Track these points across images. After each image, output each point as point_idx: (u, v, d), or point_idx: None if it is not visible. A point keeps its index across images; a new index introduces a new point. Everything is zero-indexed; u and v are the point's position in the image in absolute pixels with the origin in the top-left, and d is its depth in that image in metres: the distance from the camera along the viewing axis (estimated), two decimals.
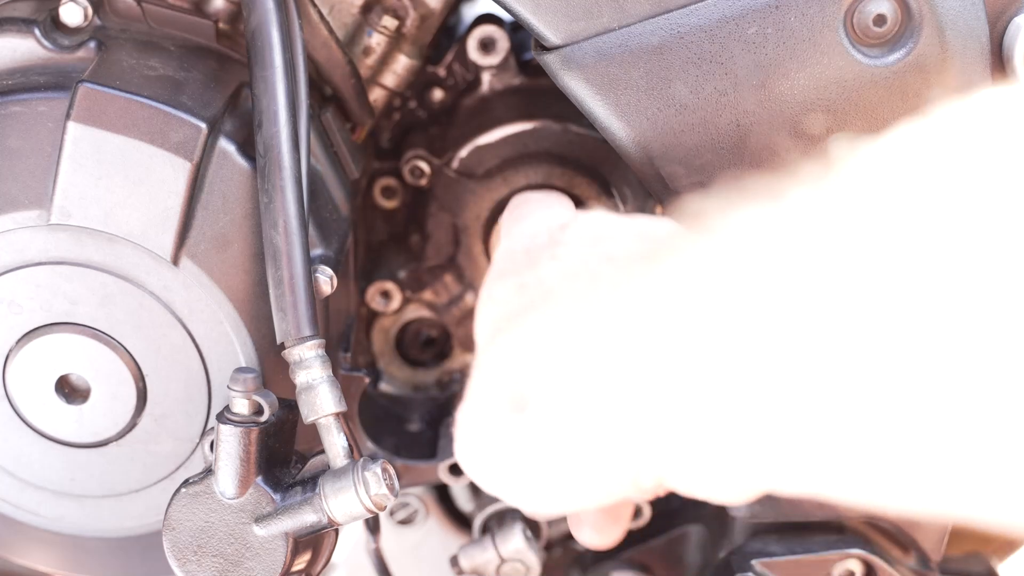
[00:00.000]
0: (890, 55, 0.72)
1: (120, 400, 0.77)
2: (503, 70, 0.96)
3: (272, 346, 0.75)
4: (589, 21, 0.73)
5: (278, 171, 0.72)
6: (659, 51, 0.72)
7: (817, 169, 0.48)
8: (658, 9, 0.72)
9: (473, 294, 0.99)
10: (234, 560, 0.71)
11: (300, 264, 0.71)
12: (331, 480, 0.70)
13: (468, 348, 1.01)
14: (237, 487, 0.70)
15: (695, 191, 0.74)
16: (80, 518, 0.82)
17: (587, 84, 0.73)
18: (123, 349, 0.76)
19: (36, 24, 0.75)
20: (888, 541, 0.84)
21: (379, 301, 0.99)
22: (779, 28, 0.71)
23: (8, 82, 0.74)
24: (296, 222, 0.71)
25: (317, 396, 0.71)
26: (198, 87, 0.75)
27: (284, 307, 0.71)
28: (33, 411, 0.78)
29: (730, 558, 0.85)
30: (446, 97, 0.98)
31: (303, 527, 0.70)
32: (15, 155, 0.73)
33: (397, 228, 0.99)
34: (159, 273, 0.74)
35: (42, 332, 0.76)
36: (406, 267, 0.99)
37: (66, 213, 0.73)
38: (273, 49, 0.73)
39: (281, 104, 0.72)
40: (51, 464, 0.80)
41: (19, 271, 0.74)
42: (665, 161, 0.74)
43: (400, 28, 0.84)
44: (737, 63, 0.72)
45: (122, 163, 0.72)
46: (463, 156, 0.95)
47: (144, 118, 0.72)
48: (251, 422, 0.70)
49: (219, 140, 0.74)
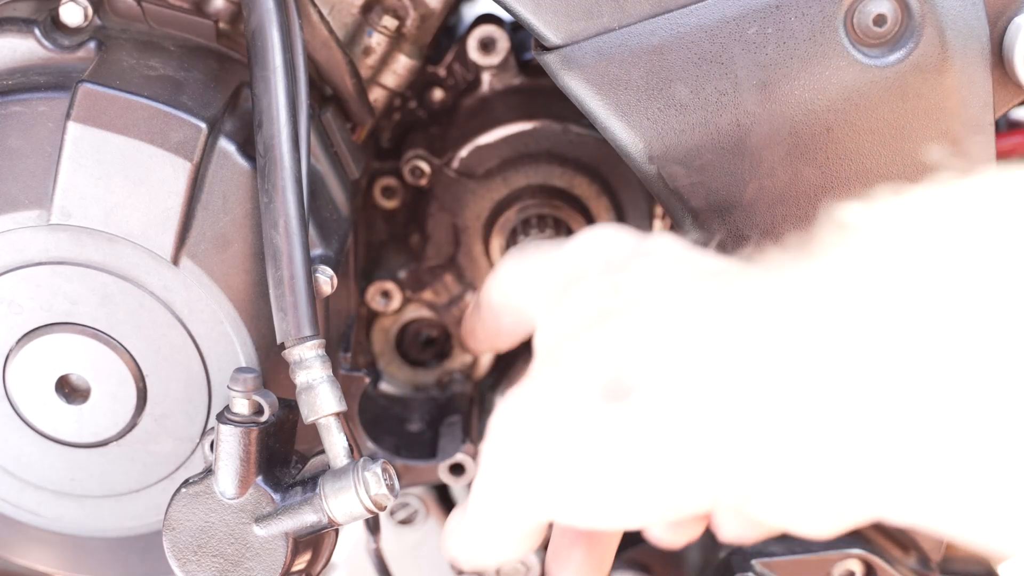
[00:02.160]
0: (890, 55, 0.72)
1: (120, 400, 0.77)
2: (503, 70, 0.96)
3: (272, 346, 0.75)
4: (589, 21, 0.73)
5: (278, 171, 0.72)
6: (659, 51, 0.72)
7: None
8: (658, 9, 0.72)
9: (473, 294, 0.99)
10: (234, 560, 0.71)
11: (300, 264, 0.71)
12: (331, 480, 0.70)
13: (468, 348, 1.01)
14: (237, 487, 0.70)
15: (696, 191, 0.74)
16: (80, 518, 0.82)
17: (587, 84, 0.73)
18: (123, 349, 0.76)
19: (36, 24, 0.75)
20: (888, 541, 0.84)
21: (379, 301, 0.99)
22: (779, 28, 0.71)
23: (8, 82, 0.74)
24: (296, 222, 0.71)
25: (317, 396, 0.71)
26: (198, 87, 0.75)
27: (284, 307, 0.71)
28: (33, 411, 0.78)
29: (730, 558, 0.85)
30: (446, 97, 0.98)
31: (303, 527, 0.70)
32: (15, 155, 0.73)
33: (397, 228, 0.99)
34: (159, 273, 0.74)
35: (42, 332, 0.76)
36: (406, 267, 0.99)
37: (66, 213, 0.73)
38: (273, 49, 0.73)
39: (281, 104, 0.72)
40: (51, 464, 0.80)
41: (19, 271, 0.74)
42: (665, 161, 0.74)
43: (400, 28, 0.84)
44: (737, 63, 0.72)
45: (122, 163, 0.72)
46: (463, 156, 0.95)
47: (144, 118, 0.72)
48: (251, 422, 0.70)
49: (219, 140, 0.74)
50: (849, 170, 0.74)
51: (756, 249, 0.55)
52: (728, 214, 0.74)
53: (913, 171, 0.74)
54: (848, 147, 0.73)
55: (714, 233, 0.73)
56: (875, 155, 0.74)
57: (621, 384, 0.54)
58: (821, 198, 0.74)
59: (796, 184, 0.74)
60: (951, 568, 0.91)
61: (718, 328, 0.52)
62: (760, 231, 0.75)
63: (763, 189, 0.74)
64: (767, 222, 0.75)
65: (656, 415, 0.52)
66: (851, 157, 0.73)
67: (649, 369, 0.53)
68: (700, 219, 0.75)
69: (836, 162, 0.74)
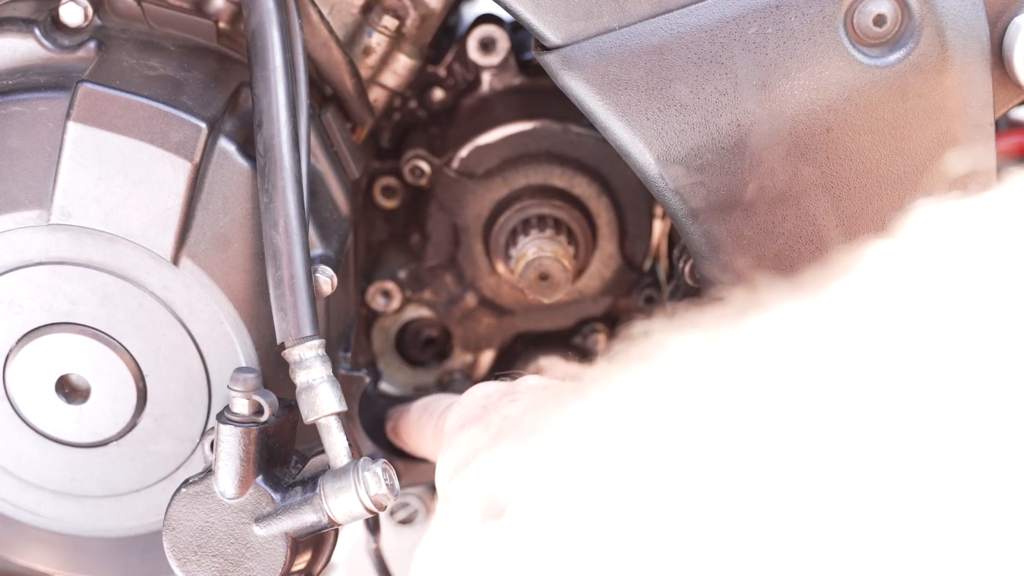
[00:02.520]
0: (890, 55, 0.72)
1: (120, 400, 0.77)
2: (503, 70, 0.96)
3: (272, 346, 0.75)
4: (589, 21, 0.73)
5: (278, 171, 0.72)
6: (659, 51, 0.72)
7: None
8: (658, 9, 0.72)
9: (473, 294, 0.99)
10: (234, 560, 0.71)
11: (300, 264, 0.71)
12: (331, 480, 0.70)
13: (468, 348, 1.01)
14: (237, 487, 0.70)
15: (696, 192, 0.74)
16: (80, 518, 0.82)
17: (587, 84, 0.73)
18: (123, 349, 0.76)
19: (36, 24, 0.75)
20: None
21: (379, 301, 0.99)
22: (779, 28, 0.71)
23: (8, 82, 0.74)
24: (296, 222, 0.71)
25: (317, 396, 0.71)
26: (198, 87, 0.75)
27: (284, 307, 0.71)
28: (33, 411, 0.78)
29: None
30: (446, 97, 0.98)
31: (303, 527, 0.70)
32: (15, 155, 0.73)
33: (397, 228, 0.99)
34: (159, 273, 0.74)
35: (42, 332, 0.76)
36: (406, 267, 0.99)
37: (66, 213, 0.73)
38: (273, 49, 0.73)
39: (281, 104, 0.72)
40: (51, 464, 0.80)
41: (19, 271, 0.74)
42: (665, 161, 0.74)
43: (400, 28, 0.84)
44: (737, 63, 0.72)
45: (122, 163, 0.72)
46: (463, 156, 0.95)
47: (144, 118, 0.72)
48: (251, 422, 0.70)
49: (219, 140, 0.74)
50: (849, 170, 0.74)
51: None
52: (728, 214, 0.74)
53: (913, 171, 0.74)
54: (848, 147, 0.73)
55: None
56: (875, 155, 0.74)
57: (496, 505, 0.60)
58: (821, 198, 0.74)
59: (796, 184, 0.74)
60: None
61: (573, 442, 0.56)
62: (760, 231, 0.75)
63: (763, 189, 0.74)
64: (767, 222, 0.75)
65: (526, 524, 0.57)
66: (851, 157, 0.73)
67: (517, 486, 0.58)
68: (700, 219, 0.75)
69: (836, 162, 0.74)
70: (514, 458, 0.60)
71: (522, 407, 0.67)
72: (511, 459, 0.61)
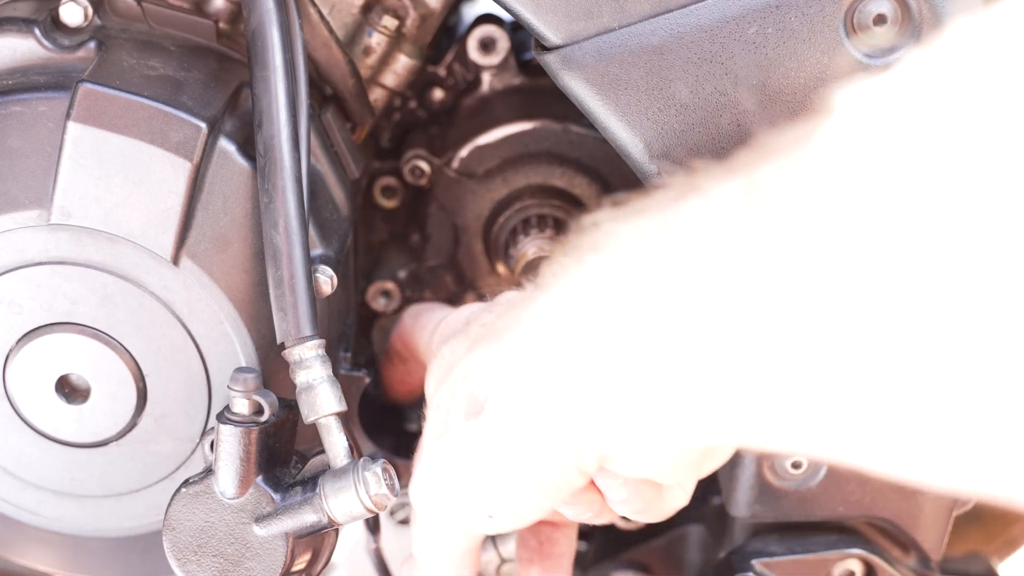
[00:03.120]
0: (890, 55, 0.72)
1: (120, 400, 0.77)
2: (503, 70, 0.96)
3: (272, 346, 0.75)
4: (589, 21, 0.73)
5: (278, 171, 0.72)
6: (659, 51, 0.72)
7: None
8: (658, 9, 0.72)
9: (473, 294, 0.99)
10: (234, 560, 0.71)
11: (300, 264, 0.71)
12: (331, 480, 0.70)
13: None
14: (237, 487, 0.70)
15: None
16: (80, 518, 0.82)
17: (587, 84, 0.73)
18: (123, 349, 0.76)
19: (36, 24, 0.75)
20: (888, 541, 0.84)
21: (379, 301, 0.99)
22: (779, 28, 0.71)
23: (8, 82, 0.74)
24: (296, 222, 0.72)
25: (317, 396, 0.71)
26: (198, 87, 0.75)
27: (284, 307, 0.71)
28: (33, 411, 0.78)
29: (730, 558, 0.85)
30: (446, 97, 0.98)
31: (303, 527, 0.70)
32: (15, 155, 0.73)
33: (397, 228, 0.99)
34: (159, 273, 0.74)
35: (42, 332, 0.76)
36: (406, 267, 0.99)
37: (66, 213, 0.73)
38: (273, 49, 0.73)
39: (281, 104, 0.72)
40: (51, 464, 0.80)
41: (19, 271, 0.74)
42: (665, 161, 0.74)
43: (400, 28, 0.84)
44: (737, 63, 0.72)
45: (122, 163, 0.72)
46: (463, 156, 0.95)
47: (144, 118, 0.72)
48: (251, 422, 0.70)
49: (219, 140, 0.74)
50: None
51: None
52: None
53: None
54: None
55: None
56: None
57: (477, 403, 0.64)
58: None
59: None
60: (951, 568, 0.91)
61: (539, 336, 0.60)
62: None
63: None
64: None
65: (504, 417, 0.61)
66: None
67: (493, 383, 0.63)
68: None
69: None
70: (489, 358, 0.64)
71: (499, 313, 0.70)
72: (487, 359, 0.64)
